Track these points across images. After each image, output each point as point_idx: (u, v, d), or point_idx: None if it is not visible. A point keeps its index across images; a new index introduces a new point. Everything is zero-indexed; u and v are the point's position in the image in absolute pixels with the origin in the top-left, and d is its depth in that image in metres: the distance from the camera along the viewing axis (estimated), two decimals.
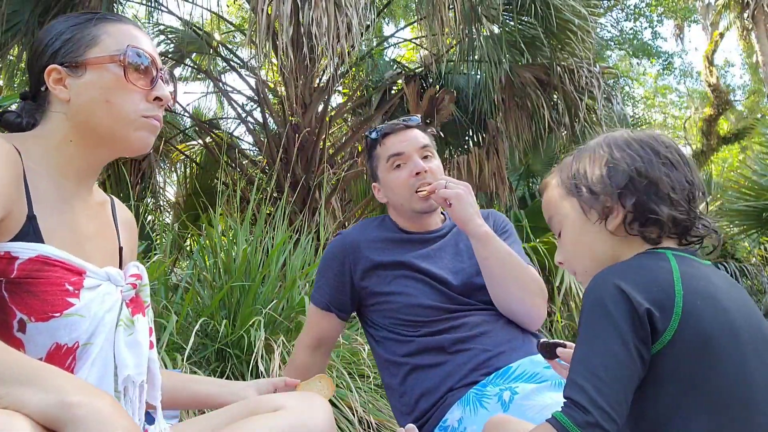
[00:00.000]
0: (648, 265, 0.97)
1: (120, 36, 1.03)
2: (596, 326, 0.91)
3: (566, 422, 0.84)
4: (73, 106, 1.00)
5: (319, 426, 1.05)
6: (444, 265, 1.60)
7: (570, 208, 1.06)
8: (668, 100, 19.57)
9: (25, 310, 0.87)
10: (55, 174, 1.00)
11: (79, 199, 1.04)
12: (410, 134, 1.68)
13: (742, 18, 14.05)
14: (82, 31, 1.02)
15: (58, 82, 1.00)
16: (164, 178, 6.58)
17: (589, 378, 0.86)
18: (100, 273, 0.97)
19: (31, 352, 0.88)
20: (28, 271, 0.88)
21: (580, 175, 1.04)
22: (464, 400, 1.40)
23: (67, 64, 1.00)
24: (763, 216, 5.47)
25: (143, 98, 1.03)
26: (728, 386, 0.89)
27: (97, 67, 1.01)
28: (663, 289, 0.92)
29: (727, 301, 0.94)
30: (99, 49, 1.01)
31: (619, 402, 0.85)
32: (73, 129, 1.01)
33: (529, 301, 1.55)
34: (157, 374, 1.08)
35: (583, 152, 1.07)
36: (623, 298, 0.90)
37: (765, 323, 0.98)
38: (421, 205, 1.63)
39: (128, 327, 1.00)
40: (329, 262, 1.68)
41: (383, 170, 1.69)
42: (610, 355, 0.87)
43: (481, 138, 6.39)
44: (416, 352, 1.52)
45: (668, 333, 0.89)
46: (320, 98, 5.40)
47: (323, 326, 1.69)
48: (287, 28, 3.69)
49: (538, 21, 5.12)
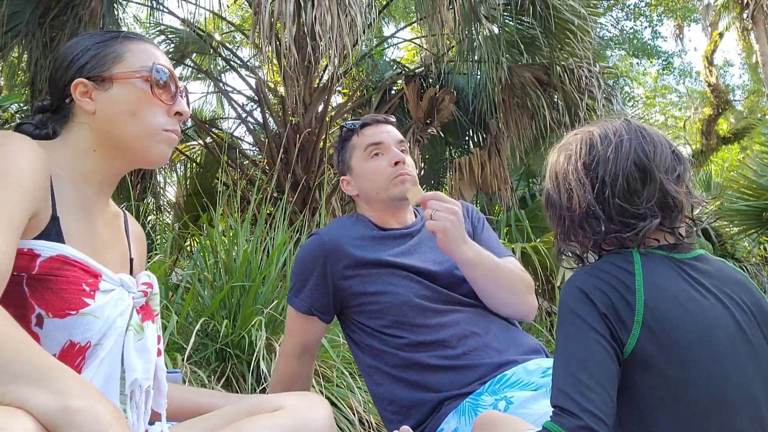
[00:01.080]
0: (611, 269, 0.96)
1: (143, 54, 1.10)
2: (569, 331, 0.92)
3: (558, 430, 0.85)
4: (98, 117, 1.06)
5: (320, 426, 1.05)
6: (426, 258, 1.58)
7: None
8: (668, 100, 19.58)
9: (44, 306, 0.90)
10: (77, 181, 1.04)
11: (97, 206, 1.09)
12: (388, 127, 1.69)
13: (741, 18, 14.05)
14: (108, 48, 1.09)
15: (84, 95, 1.06)
16: (164, 178, 6.59)
17: (573, 383, 0.87)
18: (114, 278, 1.01)
19: (47, 347, 0.90)
20: (49, 269, 0.91)
21: (551, 165, 1.07)
22: (460, 409, 1.38)
23: (94, 78, 1.06)
24: (763, 216, 5.47)
25: (164, 113, 1.10)
26: (700, 388, 0.88)
27: (124, 82, 1.07)
28: (623, 296, 0.92)
29: (700, 300, 0.93)
30: (124, 65, 1.08)
31: (605, 403, 0.86)
32: (97, 139, 1.06)
33: (521, 302, 1.56)
34: (164, 381, 1.10)
35: (562, 147, 1.08)
36: (587, 300, 0.92)
37: (749, 315, 0.95)
38: (398, 190, 1.61)
39: (138, 332, 1.03)
40: (308, 264, 1.59)
41: (359, 159, 1.67)
42: (589, 358, 0.88)
43: (481, 138, 6.40)
44: (403, 365, 1.48)
45: (631, 341, 0.90)
46: (320, 98, 5.41)
47: (307, 332, 1.63)
48: (290, 27, 3.70)
49: (538, 21, 5.12)
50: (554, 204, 1.03)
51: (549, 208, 1.06)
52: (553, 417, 0.87)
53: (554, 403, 0.88)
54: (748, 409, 0.89)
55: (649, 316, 0.90)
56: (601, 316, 0.90)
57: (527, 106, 5.77)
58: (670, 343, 0.89)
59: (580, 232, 1.00)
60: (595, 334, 0.89)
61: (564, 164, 1.03)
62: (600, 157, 0.99)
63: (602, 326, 0.90)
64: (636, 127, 1.02)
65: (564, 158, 1.03)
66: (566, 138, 1.08)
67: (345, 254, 1.56)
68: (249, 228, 3.04)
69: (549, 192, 1.05)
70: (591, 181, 0.98)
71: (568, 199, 1.00)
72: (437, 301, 1.52)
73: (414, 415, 1.45)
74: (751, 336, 0.94)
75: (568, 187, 1.00)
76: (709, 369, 0.89)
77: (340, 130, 1.76)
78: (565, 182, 1.01)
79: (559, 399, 0.87)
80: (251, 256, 2.69)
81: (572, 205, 0.99)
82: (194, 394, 1.33)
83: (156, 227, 5.09)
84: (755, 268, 6.85)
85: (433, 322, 1.49)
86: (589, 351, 0.88)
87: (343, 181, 1.73)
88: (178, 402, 1.23)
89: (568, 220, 1.01)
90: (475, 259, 1.51)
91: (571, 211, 1.00)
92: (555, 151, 1.08)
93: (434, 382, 1.44)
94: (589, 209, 0.98)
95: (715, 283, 0.97)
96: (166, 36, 6.43)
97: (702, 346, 0.90)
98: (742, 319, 0.94)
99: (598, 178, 0.98)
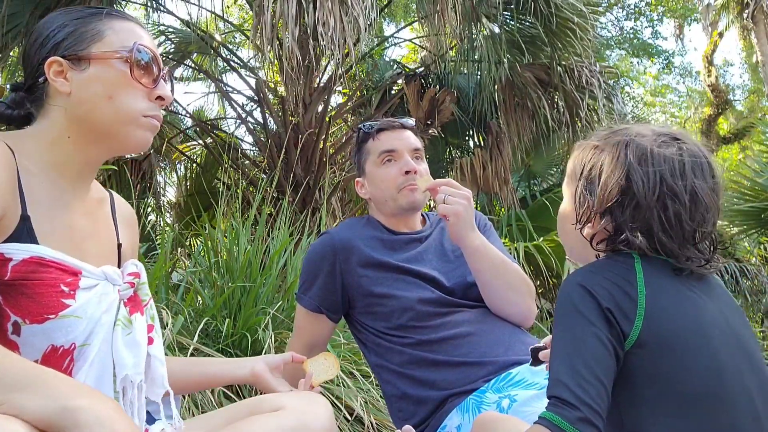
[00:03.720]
0: (613, 267, 0.97)
1: (125, 33, 1.03)
2: (570, 325, 0.92)
3: (558, 420, 0.84)
4: (73, 99, 0.99)
5: (320, 426, 1.05)
6: (433, 266, 1.60)
7: (568, 193, 1.09)
8: (668, 99, 19.57)
9: (20, 313, 0.87)
10: (50, 172, 0.99)
11: (75, 197, 1.03)
12: (405, 134, 1.69)
13: (741, 18, 14.05)
14: (87, 25, 1.01)
15: (58, 74, 0.98)
16: (165, 178, 6.59)
17: (572, 375, 0.87)
18: (96, 273, 0.97)
19: (27, 354, 0.87)
20: (23, 273, 0.87)
21: (587, 168, 1.04)
22: (463, 406, 1.40)
23: (70, 56, 0.99)
24: (762, 216, 5.46)
25: (145, 97, 1.03)
26: (698, 384, 0.89)
27: (102, 62, 1.00)
28: (625, 292, 0.93)
29: (696, 299, 0.95)
30: (103, 44, 1.01)
31: (601, 397, 0.86)
32: (72, 124, 0.99)
33: (522, 303, 1.57)
34: (158, 370, 1.06)
35: (607, 145, 1.04)
36: (589, 297, 0.92)
37: (741, 322, 0.99)
38: (407, 200, 1.63)
39: (126, 327, 0.99)
40: (318, 262, 1.61)
41: (372, 165, 1.68)
42: (588, 352, 0.88)
43: (482, 138, 6.39)
44: (409, 363, 1.50)
45: (634, 333, 0.90)
46: (320, 98, 5.41)
47: (315, 329, 1.64)
48: (292, 28, 3.70)
49: (538, 20, 5.12)
50: (617, 176, 0.98)
51: (603, 177, 0.99)
52: (550, 407, 0.87)
53: (552, 394, 0.88)
54: (744, 402, 0.90)
55: (650, 309, 0.91)
56: (603, 311, 0.91)
57: (528, 106, 5.76)
58: (670, 336, 0.91)
59: (620, 217, 0.97)
60: (595, 328, 0.90)
61: (667, 154, 0.98)
62: (689, 171, 0.97)
63: (602, 322, 0.90)
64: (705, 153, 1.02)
65: (686, 160, 0.99)
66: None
67: (356, 251, 1.58)
68: (250, 228, 3.04)
69: (630, 166, 0.97)
70: (675, 187, 0.96)
71: (642, 184, 0.96)
72: (443, 305, 1.54)
73: (419, 412, 1.47)
74: (740, 333, 0.96)
75: (653, 174, 0.96)
76: (706, 361, 0.90)
77: (357, 132, 1.77)
78: (655, 170, 0.96)
79: (558, 390, 0.87)
80: (252, 257, 2.69)
81: (639, 190, 0.96)
82: (197, 365, 1.32)
83: (156, 227, 5.09)
84: (755, 268, 6.84)
85: (437, 322, 1.51)
86: (588, 345, 0.89)
87: (357, 183, 1.75)
88: (179, 375, 1.21)
89: (614, 201, 0.97)
90: (483, 249, 1.53)
91: (631, 195, 0.96)
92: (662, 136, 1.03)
93: (439, 379, 1.45)
94: (650, 205, 0.95)
95: (704, 287, 0.99)
96: (167, 36, 6.43)
97: (699, 340, 0.91)
98: (731, 318, 0.98)
99: (677, 187, 0.96)
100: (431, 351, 1.48)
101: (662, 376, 0.89)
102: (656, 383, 0.89)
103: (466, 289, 1.58)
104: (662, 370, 0.90)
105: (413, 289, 1.54)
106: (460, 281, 1.59)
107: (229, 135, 6.75)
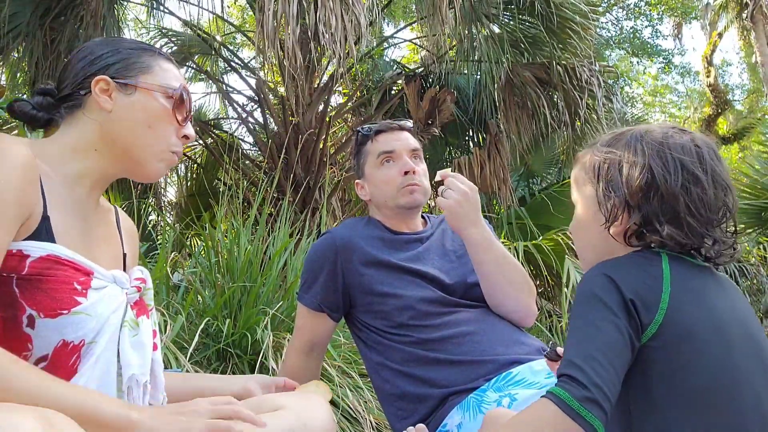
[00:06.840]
0: (639, 262, 0.98)
1: (170, 73, 1.14)
2: (588, 312, 0.93)
3: (565, 395, 0.84)
4: (113, 117, 1.07)
5: (320, 426, 1.06)
6: (434, 266, 1.61)
7: (588, 194, 1.07)
8: (667, 99, 19.57)
9: (35, 306, 0.91)
10: (69, 180, 1.05)
11: (89, 205, 1.09)
12: (403, 135, 1.71)
13: (740, 18, 14.05)
14: (139, 57, 1.11)
15: (104, 92, 1.07)
16: (165, 178, 6.58)
17: (585, 358, 0.87)
18: (106, 275, 1.01)
19: (39, 347, 0.91)
20: (39, 269, 0.92)
21: (605, 168, 1.04)
22: (464, 405, 1.40)
23: (119, 79, 1.07)
24: (762, 215, 5.46)
25: (174, 133, 1.12)
26: (712, 379, 0.90)
27: (148, 93, 1.09)
28: (650, 285, 0.94)
29: (715, 299, 0.97)
30: (151, 77, 1.10)
31: (612, 382, 0.86)
32: (103, 139, 1.07)
33: (523, 300, 1.59)
34: (160, 376, 1.10)
35: (621, 142, 1.04)
36: (613, 287, 0.93)
37: (754, 323, 1.00)
38: (407, 200, 1.64)
39: (133, 328, 1.03)
40: (320, 261, 1.62)
41: (371, 166, 1.70)
42: (604, 339, 0.89)
43: (481, 138, 6.39)
44: (409, 361, 1.50)
45: (653, 326, 0.91)
46: (320, 98, 5.41)
47: (315, 328, 1.65)
48: (294, 29, 3.70)
49: (538, 19, 5.12)
50: (639, 167, 0.99)
51: (625, 170, 1.00)
52: (560, 383, 0.86)
53: (562, 372, 0.88)
54: (753, 402, 0.90)
55: (673, 305, 0.92)
56: (625, 301, 0.91)
57: (527, 106, 5.76)
58: (689, 332, 0.91)
59: (647, 209, 0.98)
60: (614, 317, 0.90)
61: (682, 142, 1.00)
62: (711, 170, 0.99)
63: (622, 312, 0.91)
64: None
65: (701, 147, 1.00)
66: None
67: (358, 250, 1.59)
68: (250, 228, 3.04)
69: (650, 158, 0.99)
70: (696, 171, 0.97)
71: (665, 173, 0.97)
72: (443, 305, 1.55)
73: (419, 410, 1.47)
74: (754, 333, 0.97)
75: (673, 161, 0.97)
76: (721, 357, 0.91)
77: (356, 135, 1.78)
78: (674, 158, 0.98)
79: (569, 369, 0.87)
80: (253, 257, 2.70)
81: (662, 179, 0.97)
82: (192, 380, 1.37)
83: (157, 227, 5.10)
84: (754, 267, 6.85)
85: (438, 321, 1.52)
86: (605, 332, 0.89)
87: (357, 185, 1.76)
88: (174, 390, 1.23)
89: (640, 194, 0.98)
90: (484, 243, 1.54)
91: (655, 186, 0.97)
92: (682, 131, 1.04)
93: (440, 378, 1.46)
94: (675, 192, 0.96)
95: (721, 288, 1.01)
96: (169, 38, 6.43)
97: (716, 335, 0.92)
98: (748, 317, 0.99)
99: (698, 171, 0.98)
100: (432, 349, 1.49)
101: (676, 370, 0.90)
102: (669, 377, 0.90)
103: (467, 289, 1.59)
104: (677, 365, 0.90)
105: (414, 288, 1.55)
106: (461, 281, 1.60)
107: (230, 135, 6.75)
